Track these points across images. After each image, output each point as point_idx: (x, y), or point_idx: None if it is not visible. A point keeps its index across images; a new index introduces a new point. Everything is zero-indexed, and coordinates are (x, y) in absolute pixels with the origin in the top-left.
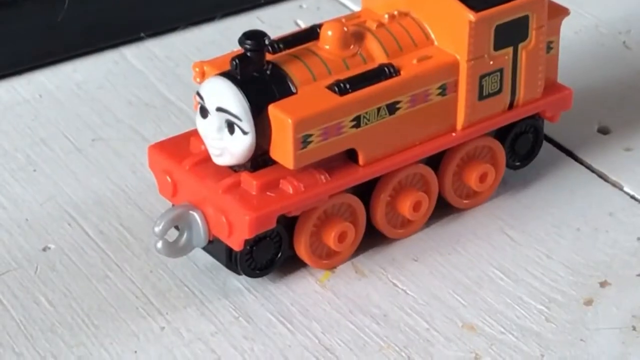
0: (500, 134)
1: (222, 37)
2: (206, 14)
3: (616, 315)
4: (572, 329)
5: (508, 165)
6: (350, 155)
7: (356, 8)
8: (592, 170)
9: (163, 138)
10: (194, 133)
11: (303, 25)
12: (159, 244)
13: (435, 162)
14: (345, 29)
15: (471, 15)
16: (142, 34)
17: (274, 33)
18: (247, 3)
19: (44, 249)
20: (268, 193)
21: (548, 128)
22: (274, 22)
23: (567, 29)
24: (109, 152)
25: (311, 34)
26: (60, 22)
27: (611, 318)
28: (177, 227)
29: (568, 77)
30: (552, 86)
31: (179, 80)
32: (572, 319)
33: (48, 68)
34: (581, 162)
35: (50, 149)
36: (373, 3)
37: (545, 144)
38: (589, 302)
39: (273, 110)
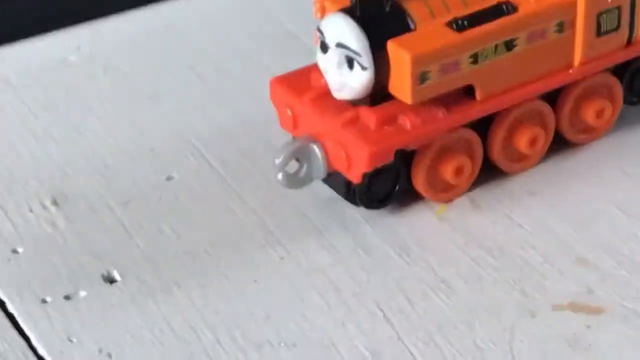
0: (618, 70)
1: None
2: None
3: None
4: None
5: (625, 101)
6: (468, 91)
7: None
8: None
9: (284, 71)
10: (315, 67)
11: None
12: (280, 176)
13: (553, 97)
14: None
15: None
16: None
17: None
18: None
19: (168, 179)
20: (386, 127)
21: None
22: None
23: None
24: (231, 83)
25: None
26: None
27: None
28: (297, 159)
29: None
30: None
31: (302, 13)
32: None
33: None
34: None
35: (175, 79)
36: None
37: None
38: None
39: (392, 46)
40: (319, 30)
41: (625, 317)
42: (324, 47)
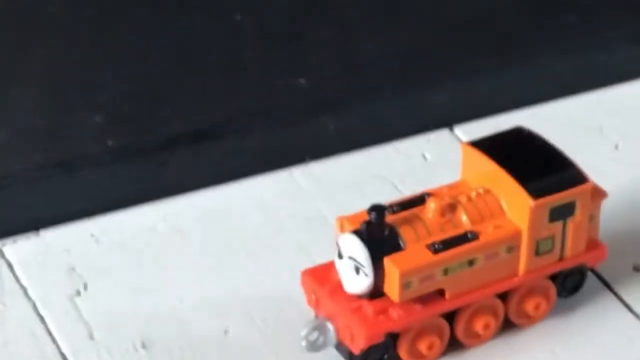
0: (553, 276)
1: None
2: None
3: None
4: None
5: (560, 296)
6: (440, 292)
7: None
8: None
9: (318, 254)
10: (333, 265)
11: (429, 157)
12: (304, 343)
13: (503, 295)
14: (443, 202)
15: (531, 202)
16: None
17: (403, 164)
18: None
19: (225, 332)
20: (380, 316)
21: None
22: (406, 153)
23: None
24: (277, 259)
25: (420, 200)
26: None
27: None
28: (317, 331)
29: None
30: (593, 243)
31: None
32: None
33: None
34: (614, 293)
35: (233, 250)
36: (468, 177)
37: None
38: None
39: (387, 262)
40: (337, 243)
41: None
42: (340, 255)
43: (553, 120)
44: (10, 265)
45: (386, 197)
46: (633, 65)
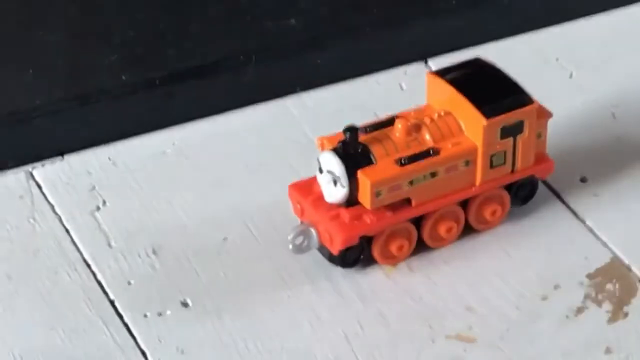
0: (507, 186)
1: (343, 102)
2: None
3: None
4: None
5: (512, 205)
6: (407, 200)
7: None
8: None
9: (303, 174)
10: (315, 179)
11: (405, 87)
12: (290, 246)
13: (463, 203)
14: (409, 123)
15: (484, 121)
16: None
17: (382, 93)
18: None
19: (224, 239)
20: (355, 222)
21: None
22: (385, 84)
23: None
24: (270, 178)
25: (390, 122)
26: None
27: None
28: (302, 236)
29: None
30: (541, 157)
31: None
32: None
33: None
34: (563, 202)
35: (233, 171)
36: (432, 102)
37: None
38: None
39: (360, 174)
40: (318, 159)
41: (491, 345)
42: (321, 170)
43: (516, 53)
44: (39, 186)
45: (365, 122)
46: (589, 3)
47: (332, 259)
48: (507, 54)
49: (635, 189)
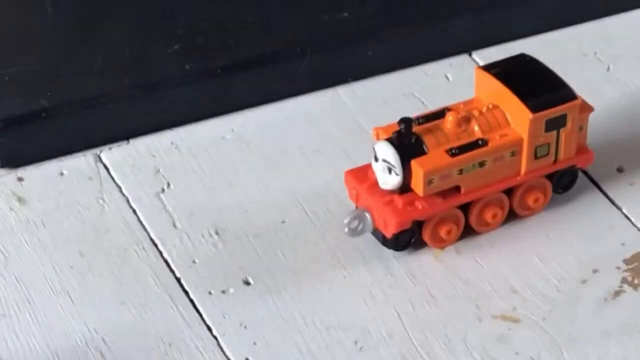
0: (549, 175)
1: (392, 92)
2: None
3: None
4: None
5: (554, 192)
6: (457, 188)
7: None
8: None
9: (361, 161)
10: (370, 167)
11: (451, 78)
12: (346, 229)
13: (508, 191)
14: (459, 116)
15: (530, 115)
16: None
17: (429, 84)
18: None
19: (282, 222)
20: (408, 207)
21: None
22: (432, 75)
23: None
24: (327, 163)
25: (441, 114)
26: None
27: None
28: (358, 220)
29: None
30: (582, 148)
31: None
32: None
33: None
34: (601, 190)
35: (294, 155)
36: (480, 95)
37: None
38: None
39: (413, 163)
40: (374, 148)
41: (534, 325)
42: (376, 159)
43: (556, 46)
44: (107, 168)
45: (414, 112)
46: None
47: (385, 242)
48: (547, 48)
49: None
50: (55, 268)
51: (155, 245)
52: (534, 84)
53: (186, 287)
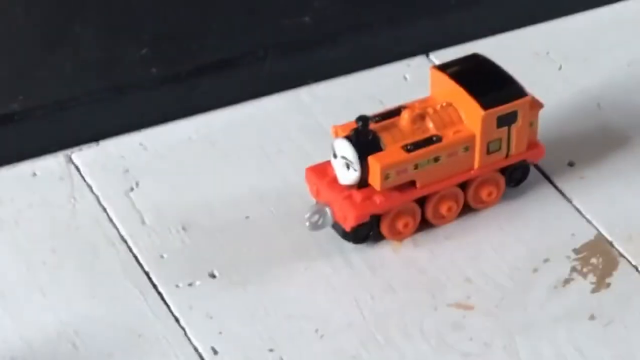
0: (502, 169)
1: (351, 92)
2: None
3: None
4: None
5: (507, 186)
6: (412, 183)
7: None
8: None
9: (317, 160)
10: (330, 163)
11: (409, 78)
12: (307, 224)
13: (463, 185)
14: (414, 113)
15: (482, 112)
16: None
17: (388, 84)
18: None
19: (246, 218)
20: (366, 201)
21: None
22: (391, 75)
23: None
24: (288, 162)
25: (397, 112)
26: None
27: None
28: (318, 214)
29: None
30: (533, 143)
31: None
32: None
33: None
34: (552, 184)
35: (249, 158)
36: (435, 94)
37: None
38: None
39: (371, 159)
40: (332, 145)
41: (487, 312)
42: (335, 155)
43: (511, 47)
44: (77, 168)
45: (373, 111)
46: (577, 0)
47: (345, 235)
48: (502, 48)
49: (618, 172)
50: (28, 264)
51: (125, 241)
52: (486, 82)
53: (155, 281)
